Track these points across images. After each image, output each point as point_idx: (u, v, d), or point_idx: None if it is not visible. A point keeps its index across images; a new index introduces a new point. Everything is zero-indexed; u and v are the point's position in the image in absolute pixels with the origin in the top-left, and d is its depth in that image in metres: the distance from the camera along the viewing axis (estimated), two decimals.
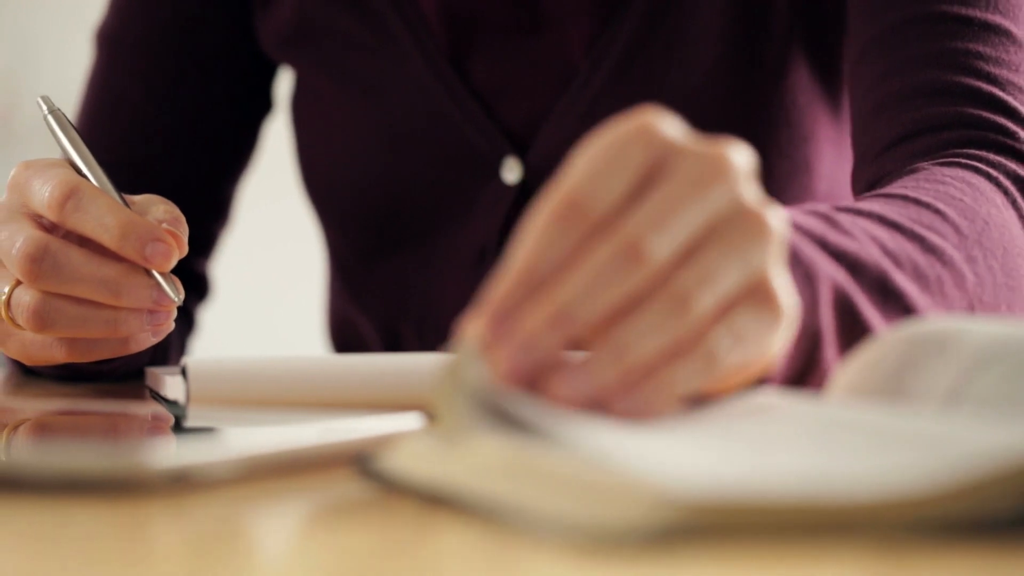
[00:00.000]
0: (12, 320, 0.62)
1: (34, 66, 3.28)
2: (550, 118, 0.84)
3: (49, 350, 0.63)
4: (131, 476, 0.38)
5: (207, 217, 0.93)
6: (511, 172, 0.85)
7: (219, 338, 1.35)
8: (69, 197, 0.61)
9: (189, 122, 0.91)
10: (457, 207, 0.86)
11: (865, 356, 0.45)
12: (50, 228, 0.62)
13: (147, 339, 0.62)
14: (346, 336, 0.96)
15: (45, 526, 0.36)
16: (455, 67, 0.85)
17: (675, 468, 0.34)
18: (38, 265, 0.60)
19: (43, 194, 0.61)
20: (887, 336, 0.44)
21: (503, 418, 0.38)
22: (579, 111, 0.84)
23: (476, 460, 0.38)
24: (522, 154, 0.85)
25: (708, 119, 0.84)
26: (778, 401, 0.43)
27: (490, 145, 0.85)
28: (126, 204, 0.63)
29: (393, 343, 0.91)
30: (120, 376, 0.72)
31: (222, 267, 0.99)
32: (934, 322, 0.45)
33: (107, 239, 0.60)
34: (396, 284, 0.90)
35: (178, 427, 0.48)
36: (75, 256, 0.60)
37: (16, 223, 0.62)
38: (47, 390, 0.69)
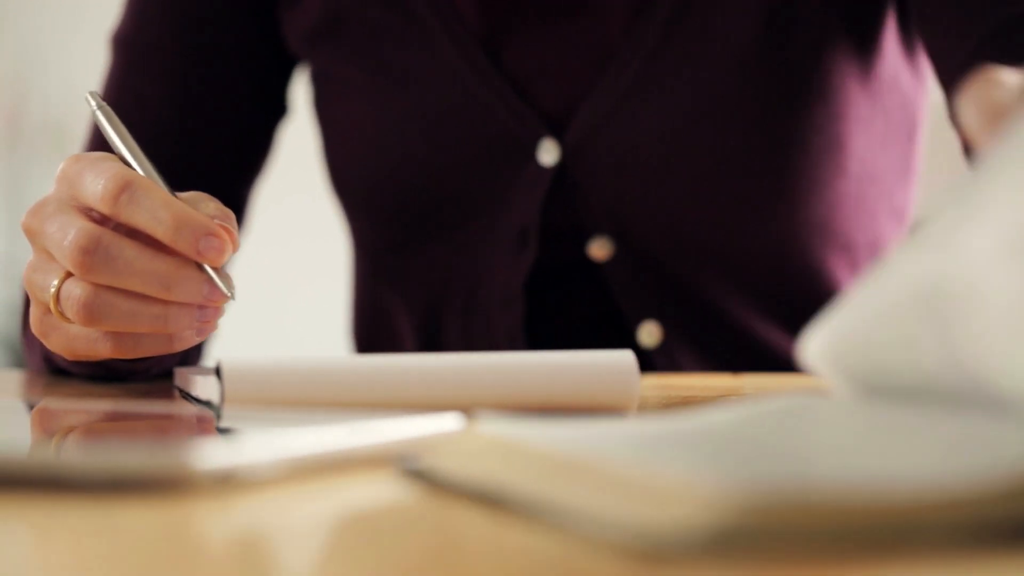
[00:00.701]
0: (61, 313, 0.62)
1: (40, 68, 3.28)
2: (587, 100, 0.85)
3: (95, 344, 0.62)
4: (177, 477, 0.38)
5: None
6: (548, 154, 0.85)
7: (234, 338, 1.35)
8: (123, 190, 0.60)
9: (207, 124, 0.91)
10: (494, 191, 0.87)
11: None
12: (100, 222, 0.62)
13: (191, 338, 0.62)
14: (376, 328, 0.96)
15: (92, 526, 0.36)
16: (488, 52, 0.86)
17: (730, 471, 0.34)
18: (91, 257, 0.59)
19: (96, 187, 0.61)
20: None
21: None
22: (617, 92, 0.85)
23: (524, 461, 0.38)
24: (559, 136, 0.85)
25: (745, 97, 0.85)
26: (814, 402, 0.43)
27: (526, 128, 0.86)
28: (169, 191, 0.63)
29: (434, 330, 0.91)
30: (151, 376, 0.72)
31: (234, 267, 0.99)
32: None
33: (161, 233, 0.60)
34: (435, 270, 0.90)
35: (219, 428, 0.48)
36: (128, 249, 0.60)
37: (66, 215, 0.61)
38: (76, 390, 0.69)
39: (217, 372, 0.54)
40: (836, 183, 0.87)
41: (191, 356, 0.87)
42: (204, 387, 0.57)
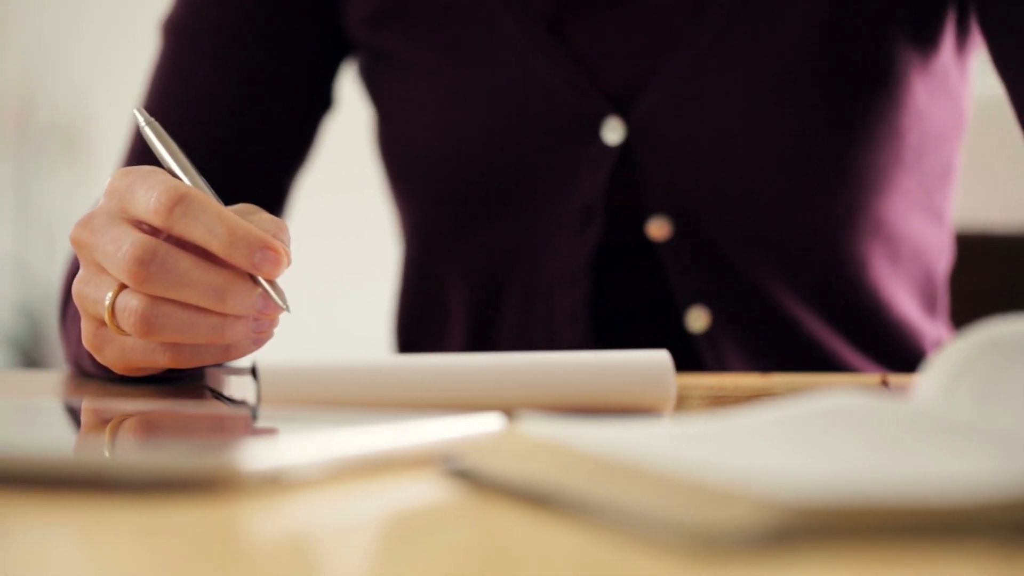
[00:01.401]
0: (117, 326, 0.61)
1: (48, 69, 3.28)
2: (653, 79, 0.86)
3: (152, 356, 0.62)
4: (224, 477, 0.38)
5: (266, 208, 0.94)
6: (613, 133, 0.86)
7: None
8: (177, 203, 0.60)
9: (256, 112, 0.91)
10: (558, 170, 0.88)
11: (948, 358, 0.45)
12: (152, 234, 0.62)
13: (249, 346, 0.62)
14: (425, 315, 0.96)
15: (140, 526, 0.36)
16: (553, 32, 0.86)
17: (779, 471, 0.34)
18: (146, 268, 0.59)
19: (148, 200, 0.60)
20: (970, 338, 0.44)
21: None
22: (683, 73, 0.86)
23: (571, 462, 0.38)
24: (624, 115, 0.86)
25: (808, 81, 0.86)
26: (860, 402, 0.43)
27: (590, 107, 0.86)
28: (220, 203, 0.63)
29: (492, 311, 0.91)
30: (187, 377, 0.72)
31: None
32: (1016, 324, 0.45)
33: (216, 246, 0.60)
34: (496, 250, 0.91)
35: (256, 429, 0.48)
36: (184, 260, 0.60)
37: (118, 228, 0.61)
38: (108, 390, 0.69)
39: (253, 372, 0.54)
40: (892, 173, 0.88)
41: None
42: (239, 387, 0.57)
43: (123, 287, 0.61)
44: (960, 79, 0.92)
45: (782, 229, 0.87)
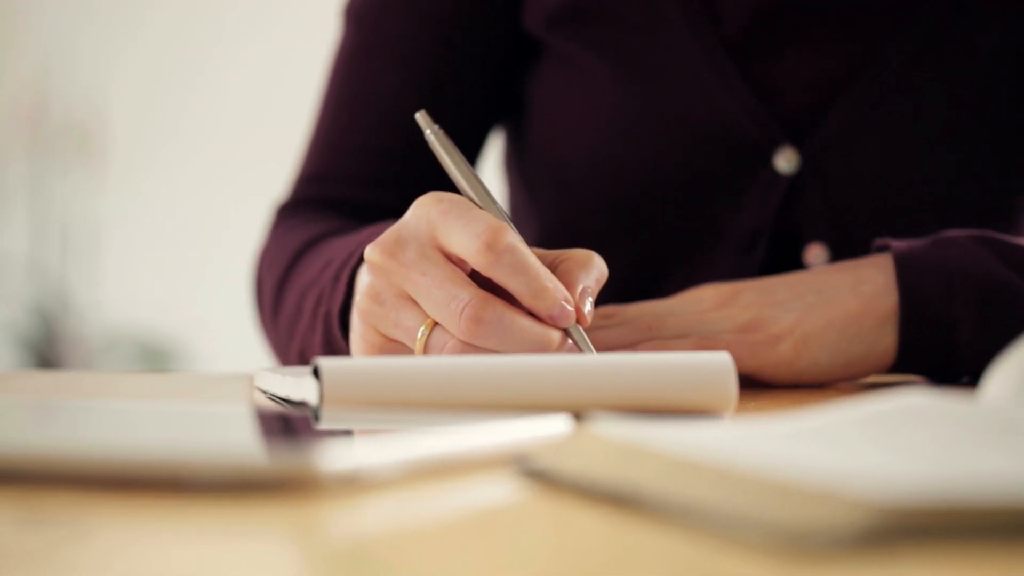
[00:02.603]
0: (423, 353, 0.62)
1: (63, 70, 3.29)
2: (830, 112, 0.86)
3: None
4: (303, 478, 0.38)
5: None
6: (787, 163, 0.86)
7: None
8: (503, 251, 0.60)
9: (442, 117, 0.91)
10: (726, 194, 0.88)
11: (1017, 359, 0.45)
12: (458, 263, 0.62)
13: None
14: None
15: (221, 526, 0.36)
16: (734, 56, 0.87)
17: (872, 471, 0.34)
18: (482, 328, 0.60)
19: (469, 239, 0.61)
20: None
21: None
22: (862, 106, 0.86)
23: (650, 462, 0.38)
24: (797, 144, 0.86)
25: (987, 121, 0.86)
26: (931, 402, 0.43)
27: (765, 136, 0.87)
28: (505, 218, 0.63)
29: None
30: None
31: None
32: None
33: (527, 300, 0.61)
34: (648, 265, 0.91)
35: (319, 430, 0.48)
36: (517, 320, 0.60)
37: (438, 269, 0.61)
38: (151, 391, 0.69)
39: (315, 372, 0.53)
40: None
41: None
42: (299, 388, 0.57)
43: (436, 324, 0.62)
44: None
45: None
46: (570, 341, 0.62)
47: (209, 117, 3.32)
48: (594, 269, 0.64)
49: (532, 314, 0.61)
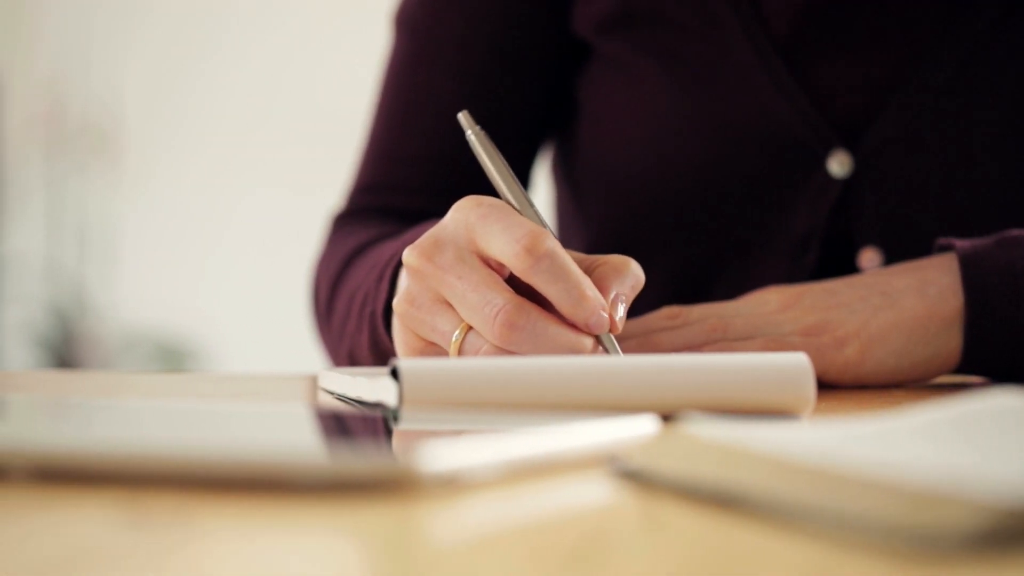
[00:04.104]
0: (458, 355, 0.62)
1: (80, 71, 3.29)
2: (883, 115, 0.86)
3: None
4: (404, 479, 0.38)
5: None
6: (840, 166, 0.86)
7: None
8: (542, 257, 0.60)
9: (496, 125, 0.91)
10: (778, 197, 0.88)
11: None
12: (497, 269, 0.62)
13: None
14: None
15: (324, 527, 0.36)
16: (787, 59, 0.87)
17: (991, 473, 0.34)
18: (517, 333, 0.60)
19: (509, 243, 0.61)
20: None
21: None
22: (915, 110, 0.86)
23: (750, 463, 0.38)
24: (850, 148, 0.86)
25: None
26: (1021, 403, 0.43)
27: (819, 139, 0.87)
28: (543, 222, 0.63)
29: None
30: None
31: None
32: None
33: (566, 308, 0.61)
34: (698, 267, 0.91)
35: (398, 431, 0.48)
36: (551, 326, 0.60)
37: (475, 273, 0.61)
38: (208, 392, 0.69)
39: (393, 373, 0.53)
40: None
41: None
42: (373, 389, 0.57)
43: (470, 328, 0.62)
44: None
45: None
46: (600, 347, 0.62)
47: (224, 117, 3.32)
48: (629, 275, 0.64)
49: (563, 318, 0.61)
